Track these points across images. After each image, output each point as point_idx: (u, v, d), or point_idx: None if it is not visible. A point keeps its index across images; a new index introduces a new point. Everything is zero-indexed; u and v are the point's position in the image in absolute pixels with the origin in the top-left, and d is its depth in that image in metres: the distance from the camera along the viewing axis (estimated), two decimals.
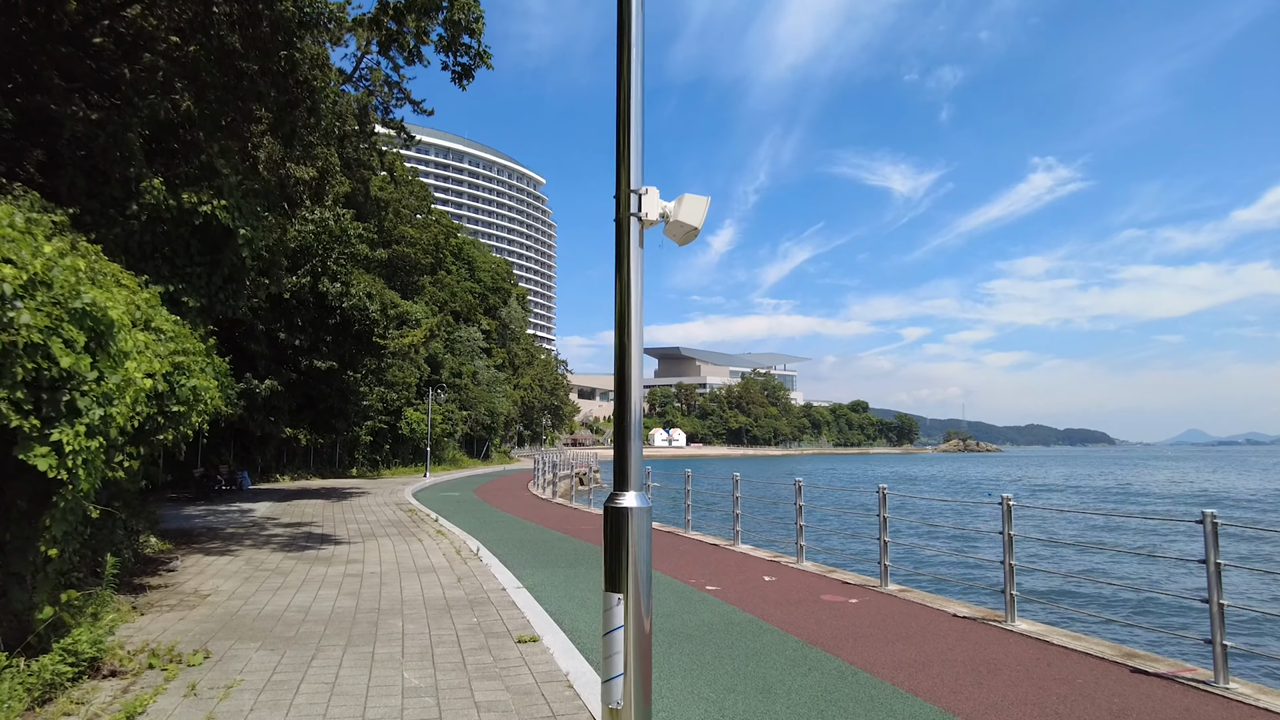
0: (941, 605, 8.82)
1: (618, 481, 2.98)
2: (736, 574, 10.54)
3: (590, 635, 6.96)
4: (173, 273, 11.26)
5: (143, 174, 11.04)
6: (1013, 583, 8.07)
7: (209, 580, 9.26)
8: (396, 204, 39.61)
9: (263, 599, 8.14)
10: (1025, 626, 7.81)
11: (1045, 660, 6.51)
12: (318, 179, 17.17)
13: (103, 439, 4.98)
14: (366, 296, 23.19)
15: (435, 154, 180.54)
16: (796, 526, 11.68)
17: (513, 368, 77.58)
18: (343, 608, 7.75)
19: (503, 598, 8.32)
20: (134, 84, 11.32)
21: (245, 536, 13.62)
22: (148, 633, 6.53)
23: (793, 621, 7.79)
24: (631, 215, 3.09)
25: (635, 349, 2.91)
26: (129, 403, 5.54)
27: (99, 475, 5.05)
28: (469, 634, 6.66)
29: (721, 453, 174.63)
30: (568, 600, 8.52)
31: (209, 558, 11.08)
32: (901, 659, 6.49)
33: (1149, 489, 57.14)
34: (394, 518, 17.44)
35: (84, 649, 4.99)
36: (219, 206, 11.07)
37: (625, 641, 2.76)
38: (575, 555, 12.05)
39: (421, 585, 9.01)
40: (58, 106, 10.46)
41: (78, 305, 4.88)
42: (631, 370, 2.92)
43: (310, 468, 35.09)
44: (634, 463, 2.90)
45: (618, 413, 2.90)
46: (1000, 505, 8.30)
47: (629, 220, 3.11)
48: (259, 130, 14.15)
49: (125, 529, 10.89)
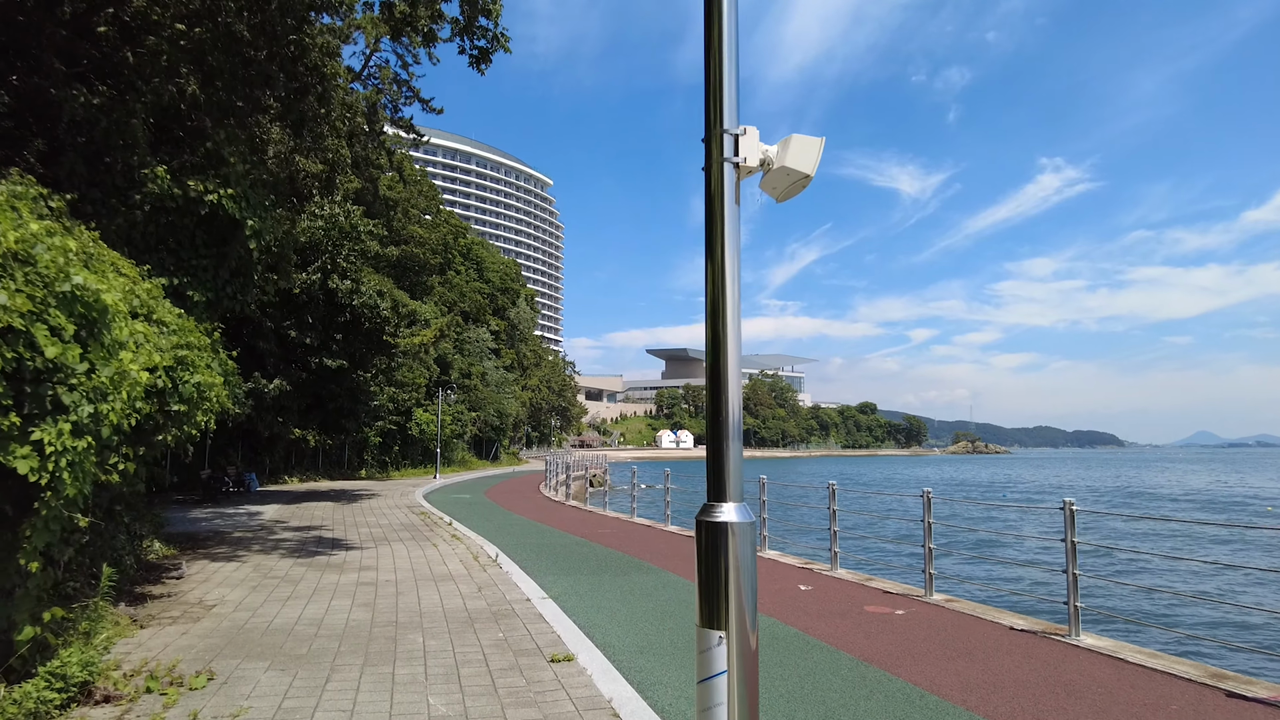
0: (995, 617, 8.25)
1: (713, 489, 2.43)
2: (769, 582, 9.97)
3: (625, 652, 6.41)
4: (177, 265, 10.76)
5: (146, 161, 10.55)
6: (1076, 594, 7.49)
7: (215, 589, 8.74)
8: (405, 203, 39.18)
9: (272, 610, 7.61)
10: (1092, 641, 7.22)
11: (1126, 682, 5.92)
12: (327, 171, 16.70)
13: (92, 439, 4.46)
14: (377, 294, 22.71)
15: (443, 155, 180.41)
16: (830, 532, 11.10)
17: (521, 369, 77.14)
18: (358, 620, 7.21)
19: (528, 609, 7.77)
20: (137, 68, 10.84)
21: (253, 541, 13.12)
22: (147, 649, 6.01)
23: (840, 636, 7.22)
24: (726, 161, 2.51)
25: (732, 332, 2.34)
26: (125, 399, 5.02)
27: (88, 479, 4.52)
28: (496, 651, 6.11)
29: None
30: (596, 612, 7.97)
31: (215, 564, 10.58)
32: (969, 679, 5.92)
33: (1191, 493, 55.83)
34: (406, 521, 16.93)
35: (74, 672, 4.46)
36: (226, 196, 10.57)
37: (730, 691, 2.21)
38: (598, 562, 11.50)
39: (440, 595, 8.47)
40: (58, 90, 9.97)
41: (66, 288, 4.35)
42: (729, 359, 2.36)
43: (319, 469, 34.64)
44: (733, 467, 2.35)
45: (712, 409, 2.34)
46: (1062, 510, 7.73)
47: (722, 168, 2.51)
48: (267, 119, 13.68)
49: (128, 533, 10.40)
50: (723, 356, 2.36)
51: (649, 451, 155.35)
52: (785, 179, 2.58)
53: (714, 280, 2.43)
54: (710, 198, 2.47)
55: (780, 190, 2.63)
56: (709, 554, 2.27)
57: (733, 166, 2.48)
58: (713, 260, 2.45)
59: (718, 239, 2.43)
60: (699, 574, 2.30)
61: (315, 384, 24.47)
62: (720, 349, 2.36)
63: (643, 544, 13.68)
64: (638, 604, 8.47)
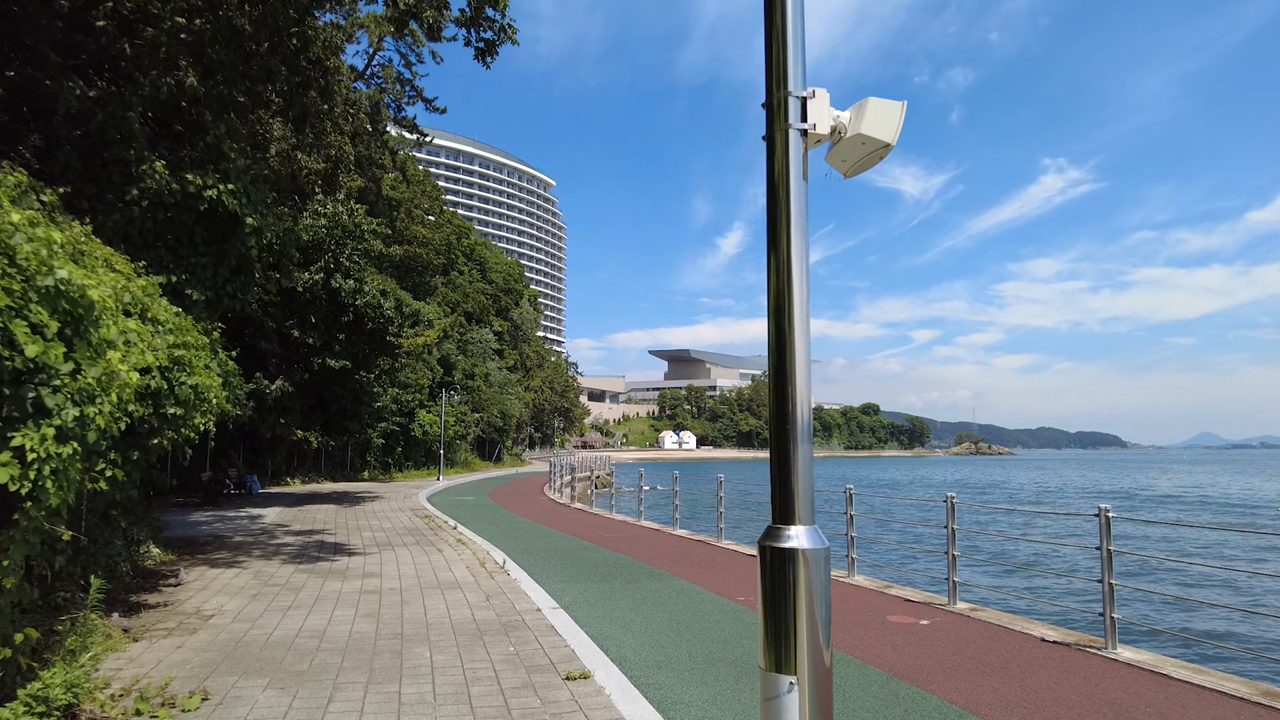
0: (1023, 627, 7.91)
1: (780, 509, 2.06)
2: None
3: (643, 668, 6.08)
4: (176, 263, 10.45)
5: (144, 156, 10.24)
6: (1113, 605, 7.16)
7: (213, 598, 8.42)
8: (409, 204, 38.90)
9: (271, 621, 7.29)
10: (1130, 655, 6.88)
11: (1176, 701, 5.59)
12: (330, 169, 16.40)
13: (78, 444, 4.14)
14: (380, 294, 22.40)
15: (445, 156, 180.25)
16: (847, 538, 10.78)
17: (524, 369, 76.85)
18: (361, 632, 6.89)
19: (539, 620, 7.45)
20: (135, 60, 10.54)
21: (254, 546, 12.81)
22: (140, 664, 5.69)
23: (866, 648, 6.89)
24: (792, 128, 2.14)
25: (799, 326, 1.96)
26: (115, 401, 4.70)
27: (73, 488, 4.21)
28: (508, 668, 5.79)
29: (732, 455, 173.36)
30: (609, 623, 7.64)
31: (214, 570, 10.26)
32: (1008, 697, 5.59)
33: (1199, 495, 55.24)
34: (410, 524, 16.61)
35: (57, 695, 4.15)
36: (225, 191, 10.26)
37: None
38: (607, 568, 11.17)
39: (447, 604, 8.15)
40: (52, 82, 9.67)
41: (49, 283, 4.04)
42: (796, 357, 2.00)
43: (321, 471, 34.35)
44: (802, 482, 2.01)
45: (777, 415, 2.02)
46: (1097, 517, 7.39)
47: (787, 137, 2.14)
48: (269, 115, 13.38)
49: (125, 539, 10.09)
50: (789, 355, 2.02)
51: (652, 453, 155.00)
52: (859, 149, 2.23)
53: (778, 269, 2.09)
54: (773, 173, 2.13)
55: (852, 163, 2.28)
56: (776, 585, 1.94)
57: (800, 135, 2.14)
58: (776, 247, 2.10)
59: (783, 221, 2.09)
60: (763, 607, 1.97)
61: (318, 385, 24.17)
62: (786, 346, 2.02)
63: (652, 549, 13.35)
64: (651, 614, 8.15)
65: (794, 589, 1.91)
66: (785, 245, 2.09)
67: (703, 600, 8.91)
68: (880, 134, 2.17)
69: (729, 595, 9.18)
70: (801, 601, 1.90)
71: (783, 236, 2.10)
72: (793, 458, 1.99)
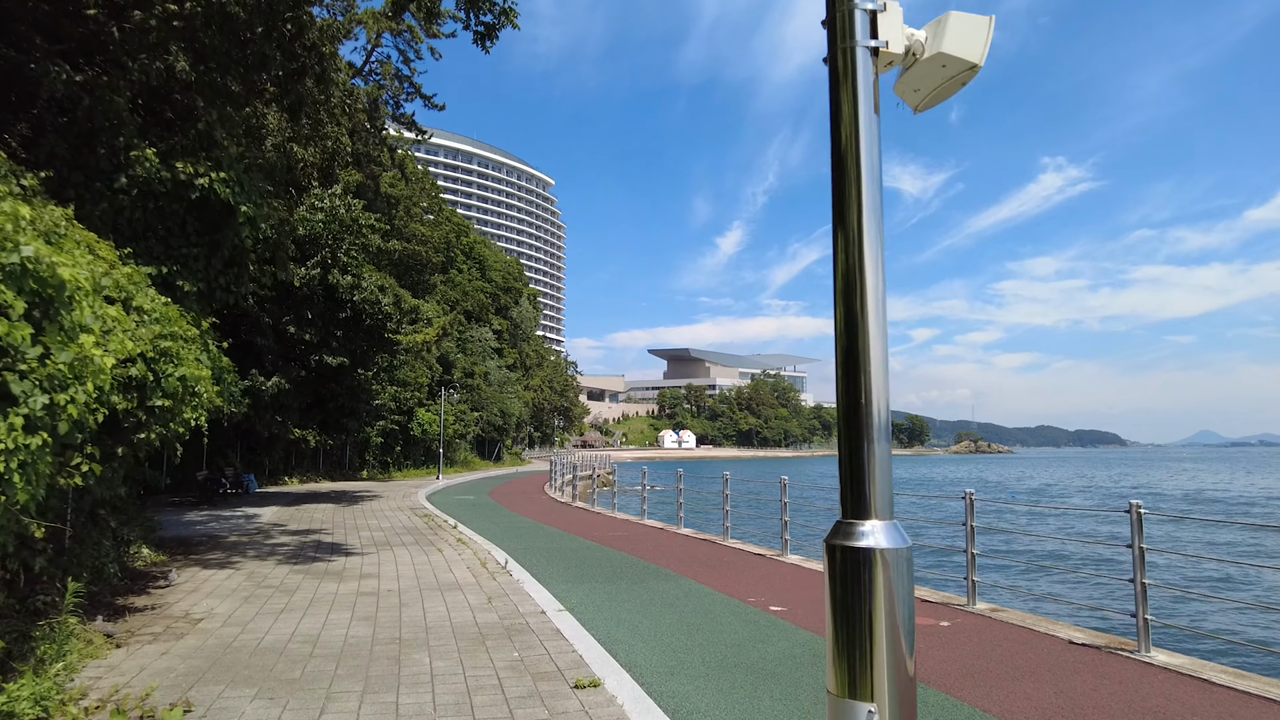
0: (1048, 629, 7.58)
1: (852, 502, 1.73)
2: (797, 591, 9.32)
3: (655, 674, 5.75)
4: (167, 253, 10.12)
5: (133, 143, 9.90)
6: (1146, 605, 6.83)
7: (203, 600, 8.09)
8: (408, 201, 38.56)
9: (263, 625, 6.96)
10: (1165, 659, 6.55)
11: (1223, 709, 5.25)
12: (327, 161, 16.08)
13: (48, 435, 3.80)
14: (379, 290, 22.05)
15: (444, 155, 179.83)
16: None
17: (524, 368, 76.51)
18: (357, 637, 6.56)
19: (543, 623, 7.12)
20: (123, 45, 10.18)
21: (248, 546, 12.47)
22: (121, 673, 5.35)
23: None
24: (859, 46, 1.78)
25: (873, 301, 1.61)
26: (91, 391, 4.37)
27: (43, 482, 3.87)
28: (512, 675, 5.45)
29: (732, 454, 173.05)
30: (617, 626, 7.31)
31: (206, 571, 9.93)
32: (1043, 705, 5.26)
33: (1204, 493, 54.75)
34: (409, 524, 16.28)
35: (23, 709, 3.82)
36: (218, 179, 9.92)
37: None
38: (612, 568, 10.84)
39: (447, 606, 7.82)
40: (37, 66, 9.33)
41: (14, 260, 3.71)
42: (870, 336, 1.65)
43: (319, 469, 34.02)
44: (879, 474, 1.67)
45: (848, 401, 1.72)
46: (1129, 513, 7.06)
47: (853, 58, 1.76)
48: (263, 104, 13.04)
49: (114, 539, 9.76)
50: (862, 334, 1.67)
51: (652, 452, 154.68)
52: (938, 74, 1.85)
53: (845, 234, 1.73)
54: (837, 106, 1.76)
55: (926, 92, 1.91)
56: (848, 591, 1.60)
57: (869, 55, 1.78)
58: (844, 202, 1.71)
59: (850, 168, 1.71)
60: (832, 619, 1.63)
61: (315, 382, 23.82)
62: (856, 325, 1.67)
63: (657, 548, 13.03)
64: (660, 616, 7.82)
65: (871, 596, 1.58)
66: (854, 198, 1.73)
67: (713, 601, 8.58)
68: (965, 53, 1.80)
69: (739, 596, 8.85)
70: (880, 611, 1.57)
71: (851, 188, 1.74)
72: (868, 447, 1.64)
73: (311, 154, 16.32)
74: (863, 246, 1.73)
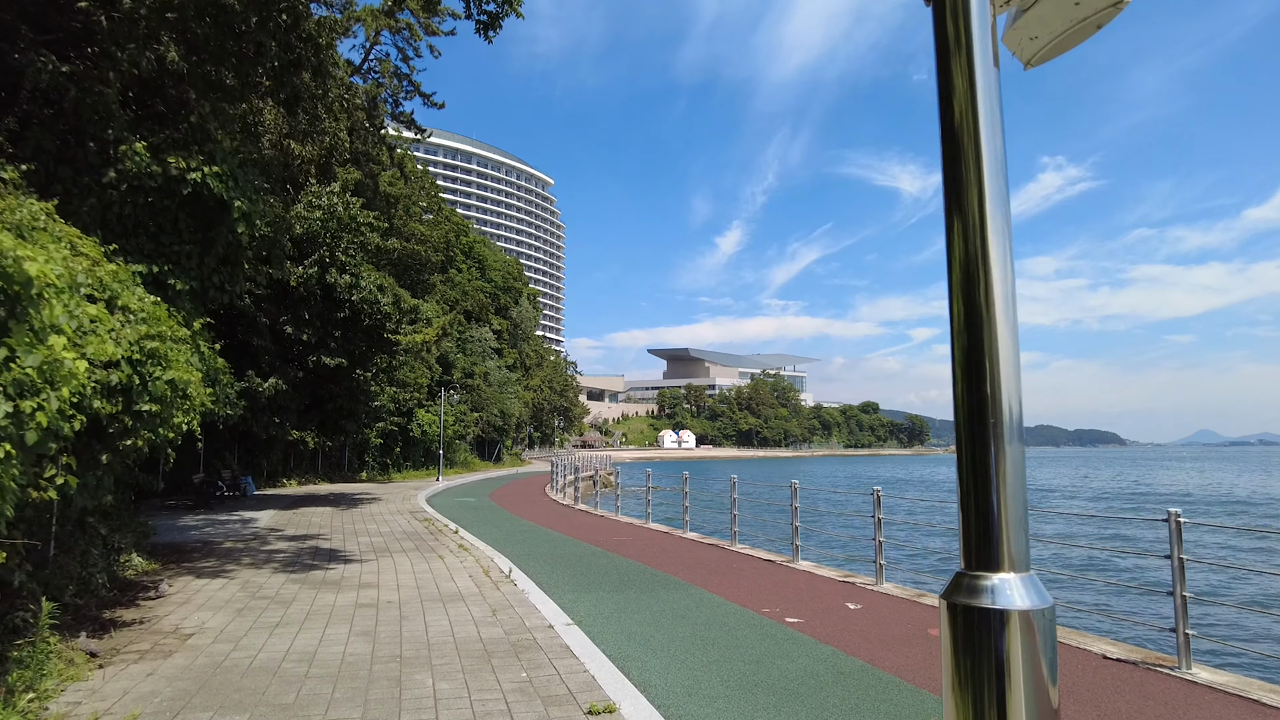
0: (1080, 642, 7.25)
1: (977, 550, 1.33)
2: (812, 600, 8.98)
3: (672, 695, 5.41)
4: (158, 251, 9.76)
5: (123, 137, 9.55)
6: (1186, 619, 6.48)
7: (195, 613, 7.73)
8: (407, 200, 38.20)
9: (256, 641, 6.61)
10: (1208, 676, 6.21)
11: None
12: (324, 157, 15.72)
13: (11, 447, 3.45)
14: (378, 289, 21.68)
15: (444, 154, 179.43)
16: (875, 543, 10.11)
17: (524, 368, 76.15)
18: (355, 655, 6.21)
19: (551, 639, 6.77)
20: (112, 34, 9.82)
21: (244, 553, 12.12)
22: (102, 697, 5.00)
23: (915, 669, 6.21)
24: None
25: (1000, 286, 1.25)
26: (66, 396, 4.02)
27: (11, 498, 3.52)
28: (521, 699, 5.10)
29: (732, 454, 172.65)
30: (628, 640, 6.97)
31: (199, 580, 9.58)
32: None
33: (1209, 493, 54.34)
34: (409, 528, 15.93)
35: None
36: (211, 173, 9.56)
37: None
38: (619, 576, 10.50)
39: (450, 620, 7.47)
40: (21, 56, 8.97)
41: None
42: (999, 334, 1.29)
43: (318, 471, 33.66)
44: (1012, 512, 1.30)
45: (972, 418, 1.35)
46: (1167, 522, 6.72)
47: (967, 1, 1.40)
48: (258, 98, 12.69)
49: (104, 547, 9.40)
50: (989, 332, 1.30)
51: (652, 452, 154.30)
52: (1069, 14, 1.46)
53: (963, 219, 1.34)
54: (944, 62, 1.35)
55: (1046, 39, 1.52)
56: (975, 664, 1.23)
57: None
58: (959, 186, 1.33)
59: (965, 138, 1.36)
60: (953, 698, 1.28)
61: (313, 383, 23.46)
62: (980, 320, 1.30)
63: (663, 553, 12.68)
64: (672, 629, 7.48)
65: (1005, 671, 1.24)
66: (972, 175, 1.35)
67: (726, 613, 8.24)
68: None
69: (754, 607, 8.51)
70: (1017, 692, 1.22)
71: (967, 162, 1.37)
72: (996, 476, 1.28)
73: (309, 150, 15.95)
74: (985, 230, 1.38)
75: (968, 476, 1.34)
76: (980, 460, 1.32)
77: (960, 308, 1.38)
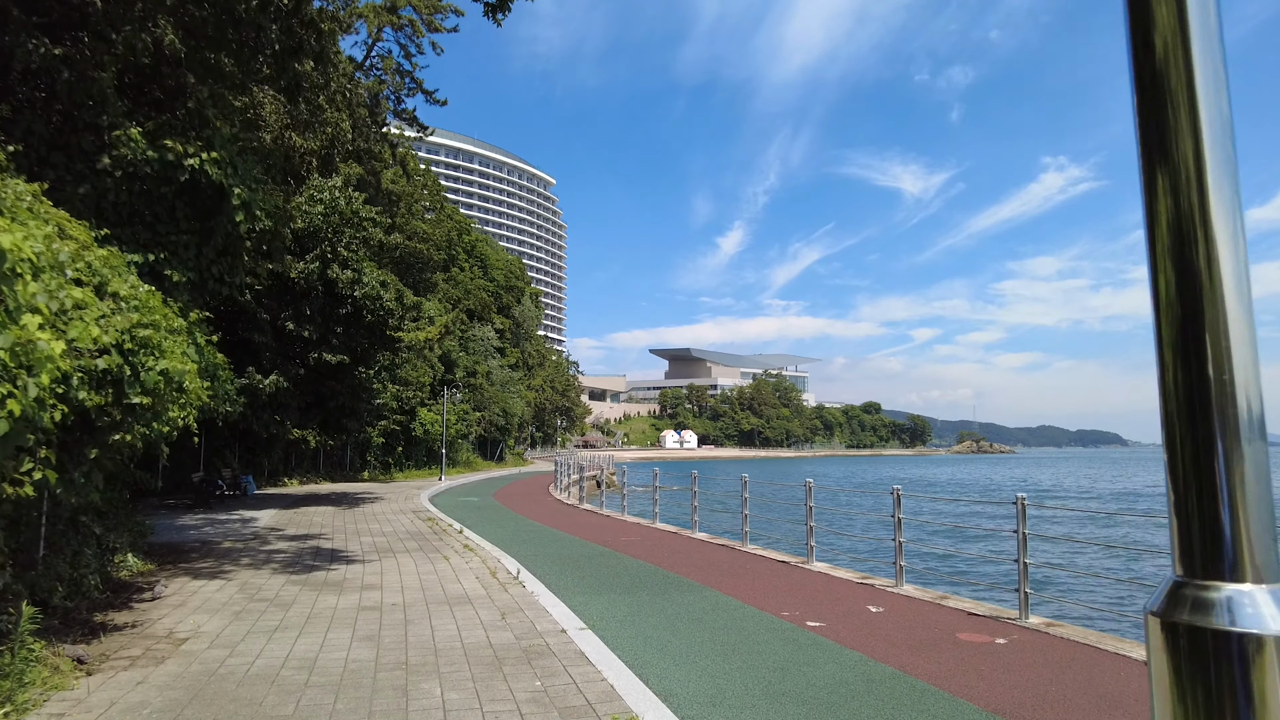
0: (1117, 648, 6.89)
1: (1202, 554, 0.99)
2: (831, 603, 8.64)
3: (696, 704, 5.07)
4: (155, 240, 9.43)
5: (118, 122, 9.22)
6: None
7: (190, 616, 7.40)
8: (409, 198, 37.89)
9: (254, 647, 6.27)
10: None
11: None
12: (326, 149, 15.40)
13: None
14: (380, 285, 21.35)
15: (445, 154, 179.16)
16: (895, 544, 9.77)
17: (526, 368, 75.84)
18: (359, 661, 5.88)
19: (564, 644, 6.43)
20: (106, 15, 9.50)
21: (243, 553, 11.79)
22: (88, 708, 4.67)
23: (948, 676, 5.87)
24: None
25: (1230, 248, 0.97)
26: (44, 383, 3.68)
27: None
28: (536, 710, 4.76)
29: (734, 454, 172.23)
30: (645, 645, 6.63)
31: (196, 582, 9.25)
32: None
33: None
34: (413, 528, 15.60)
35: None
36: (209, 160, 9.23)
37: None
38: (630, 577, 10.16)
39: (458, 624, 7.13)
40: (10, 37, 8.64)
41: None
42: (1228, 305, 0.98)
43: (319, 470, 33.35)
44: (1255, 510, 0.96)
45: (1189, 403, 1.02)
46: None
47: None
48: (257, 86, 12.37)
49: (98, 547, 9.08)
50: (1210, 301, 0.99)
51: (653, 452, 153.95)
52: None
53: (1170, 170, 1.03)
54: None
55: None
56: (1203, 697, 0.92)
57: None
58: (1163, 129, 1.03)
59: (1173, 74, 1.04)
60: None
61: (315, 380, 23.14)
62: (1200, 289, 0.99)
63: (672, 554, 12.35)
64: (689, 633, 7.14)
65: (1247, 706, 0.91)
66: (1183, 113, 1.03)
67: (744, 616, 7.90)
68: None
69: (772, 610, 8.17)
70: None
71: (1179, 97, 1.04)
72: (1227, 468, 0.95)
73: (310, 142, 15.64)
74: (1204, 181, 1.05)
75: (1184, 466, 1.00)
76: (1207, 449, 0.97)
77: (1170, 275, 1.04)
